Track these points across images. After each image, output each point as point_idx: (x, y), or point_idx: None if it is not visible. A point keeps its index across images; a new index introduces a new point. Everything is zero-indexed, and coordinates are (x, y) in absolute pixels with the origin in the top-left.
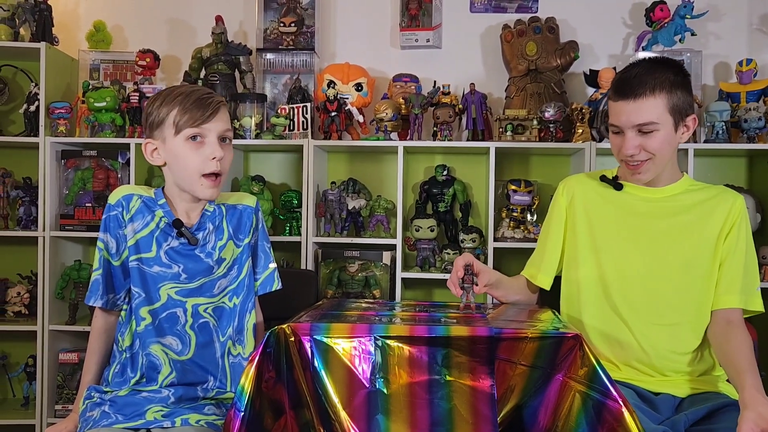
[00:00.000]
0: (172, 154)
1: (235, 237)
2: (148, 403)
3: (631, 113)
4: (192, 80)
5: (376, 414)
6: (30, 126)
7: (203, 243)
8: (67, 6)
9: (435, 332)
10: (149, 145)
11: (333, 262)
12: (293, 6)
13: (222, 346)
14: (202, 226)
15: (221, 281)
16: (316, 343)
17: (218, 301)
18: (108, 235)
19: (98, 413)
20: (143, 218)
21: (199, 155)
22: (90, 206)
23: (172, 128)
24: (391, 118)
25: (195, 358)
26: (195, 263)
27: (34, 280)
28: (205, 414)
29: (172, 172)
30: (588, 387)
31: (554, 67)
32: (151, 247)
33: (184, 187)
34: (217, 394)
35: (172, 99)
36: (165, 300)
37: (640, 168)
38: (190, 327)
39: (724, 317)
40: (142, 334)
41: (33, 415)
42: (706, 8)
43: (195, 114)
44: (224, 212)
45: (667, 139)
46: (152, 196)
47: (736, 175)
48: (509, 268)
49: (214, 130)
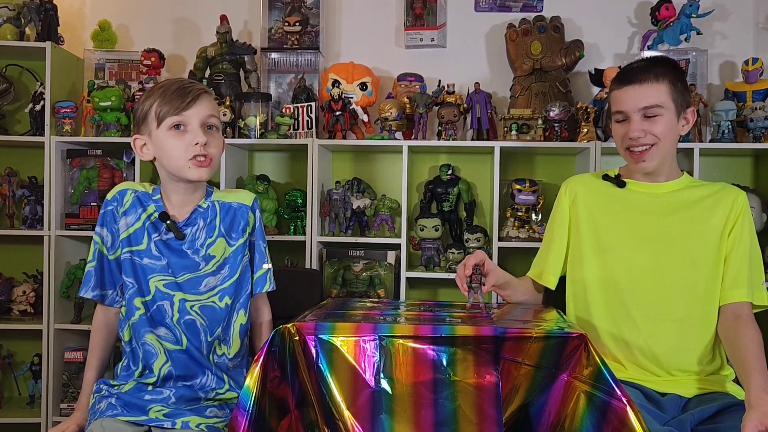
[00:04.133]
0: (158, 145)
1: (228, 236)
2: (150, 403)
3: (637, 97)
4: (197, 80)
5: (381, 414)
6: (35, 125)
7: (192, 239)
8: (72, 5)
9: (440, 332)
10: (138, 141)
11: (337, 262)
12: (298, 5)
13: (209, 345)
14: (192, 221)
15: (209, 279)
16: (320, 343)
17: (207, 299)
18: (104, 230)
19: (105, 405)
20: (135, 212)
21: (183, 142)
22: (95, 205)
23: (155, 120)
24: (396, 118)
25: (188, 351)
26: (179, 258)
27: (39, 279)
28: (207, 417)
29: (161, 165)
30: (593, 387)
31: (559, 67)
32: (142, 239)
33: (174, 174)
34: (217, 394)
35: (153, 92)
36: (154, 292)
37: (645, 155)
38: (177, 322)
39: (732, 312)
40: (137, 324)
41: (38, 413)
42: (712, 7)
43: (175, 102)
44: (218, 210)
45: (670, 125)
46: (148, 192)
47: (742, 174)
48: (514, 267)
49: (196, 116)
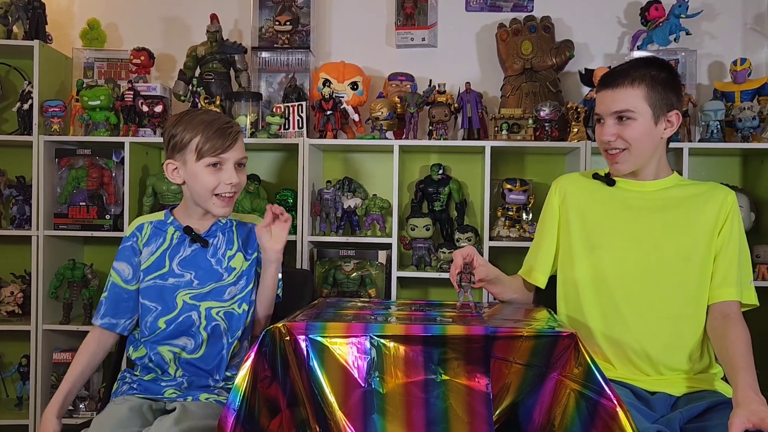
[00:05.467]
0: (192, 175)
1: (245, 251)
2: (165, 388)
3: (610, 101)
4: (187, 79)
5: (372, 413)
6: (23, 124)
7: (215, 248)
8: (60, 4)
9: (431, 331)
10: (170, 165)
11: (328, 262)
12: (288, 4)
13: (229, 346)
14: (211, 234)
15: (231, 288)
16: (311, 343)
17: (229, 306)
18: (123, 264)
19: (127, 387)
20: (156, 240)
21: (217, 179)
22: (84, 205)
23: (194, 153)
24: (387, 117)
25: (203, 357)
26: (205, 270)
27: (27, 279)
28: (216, 395)
29: (189, 190)
30: (583, 386)
31: (549, 66)
32: (164, 263)
33: (200, 203)
34: (226, 384)
35: (194, 126)
36: (181, 306)
37: (617, 158)
38: (204, 329)
39: (721, 311)
40: (154, 340)
41: (26, 415)
42: (701, 8)
43: (216, 143)
44: (234, 225)
45: (644, 130)
46: (162, 218)
47: (731, 174)
48: (505, 267)
49: (232, 158)
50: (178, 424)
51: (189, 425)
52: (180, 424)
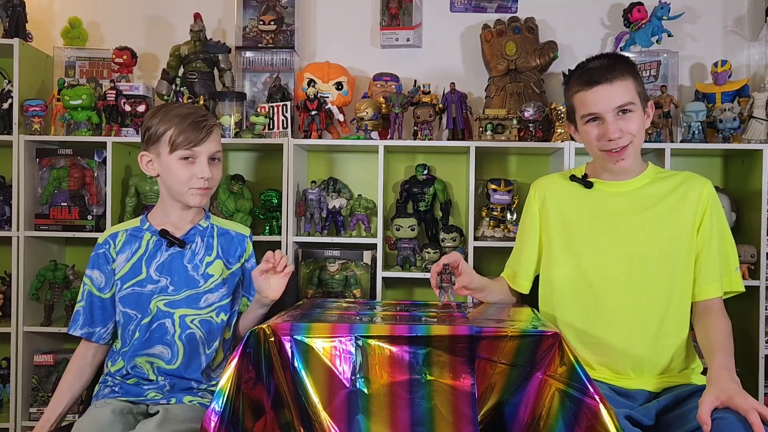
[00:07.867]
0: (166, 168)
1: (226, 259)
2: (147, 391)
3: (609, 97)
4: (170, 78)
5: (357, 414)
6: (3, 124)
7: (192, 253)
8: (41, 2)
9: (416, 331)
10: (144, 157)
11: (313, 262)
12: (273, 4)
13: (207, 358)
14: (190, 237)
15: (208, 296)
16: (296, 343)
17: (206, 314)
18: (96, 271)
19: (108, 390)
20: (131, 247)
21: (189, 172)
22: (65, 206)
23: (167, 146)
24: (372, 117)
25: (181, 369)
26: (180, 276)
27: (8, 280)
28: (200, 397)
29: (164, 183)
30: (567, 385)
31: (533, 67)
32: (141, 270)
33: (175, 197)
34: (209, 386)
35: (170, 118)
36: (155, 312)
37: (624, 153)
38: (179, 337)
39: (704, 305)
40: (131, 349)
41: (7, 418)
42: (683, 9)
43: (189, 136)
44: (215, 231)
45: (641, 121)
46: (137, 225)
47: (712, 174)
48: (489, 267)
49: (205, 151)
50: (161, 427)
51: (172, 429)
52: (163, 427)
